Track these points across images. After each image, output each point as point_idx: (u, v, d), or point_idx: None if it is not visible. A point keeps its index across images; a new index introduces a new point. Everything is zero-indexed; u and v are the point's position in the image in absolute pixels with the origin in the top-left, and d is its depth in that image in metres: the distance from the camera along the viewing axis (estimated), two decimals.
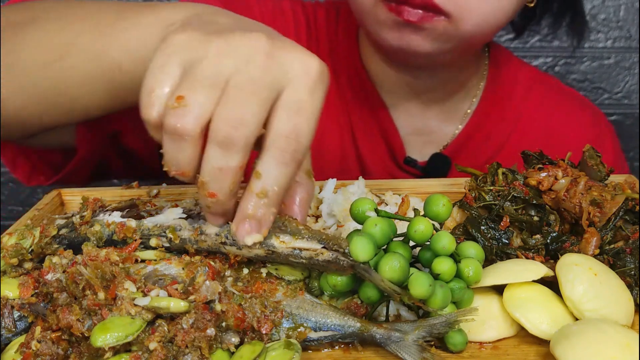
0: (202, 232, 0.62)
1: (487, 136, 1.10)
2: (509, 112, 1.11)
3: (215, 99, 0.52)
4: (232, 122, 0.51)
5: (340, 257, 0.60)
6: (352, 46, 1.08)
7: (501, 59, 1.13)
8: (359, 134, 1.08)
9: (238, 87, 0.52)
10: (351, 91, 1.08)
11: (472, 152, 1.09)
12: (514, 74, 1.13)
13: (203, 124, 0.52)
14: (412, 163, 1.07)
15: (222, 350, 0.57)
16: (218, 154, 0.52)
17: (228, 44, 0.53)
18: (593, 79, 1.54)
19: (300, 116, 0.53)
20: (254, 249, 0.60)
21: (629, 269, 0.67)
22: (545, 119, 1.11)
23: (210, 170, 0.53)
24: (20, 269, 0.65)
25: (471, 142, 1.09)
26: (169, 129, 0.52)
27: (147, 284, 0.59)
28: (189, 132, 0.51)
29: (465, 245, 0.64)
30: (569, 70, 1.53)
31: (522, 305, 0.62)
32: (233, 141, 0.52)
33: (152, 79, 0.53)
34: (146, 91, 0.53)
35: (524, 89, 1.12)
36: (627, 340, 0.55)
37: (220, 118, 0.51)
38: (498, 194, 0.71)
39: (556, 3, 1.09)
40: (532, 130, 1.10)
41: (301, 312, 0.61)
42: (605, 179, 0.73)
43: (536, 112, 1.11)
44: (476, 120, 1.09)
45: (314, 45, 1.09)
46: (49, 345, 0.57)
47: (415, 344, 0.59)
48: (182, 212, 0.65)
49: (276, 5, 1.09)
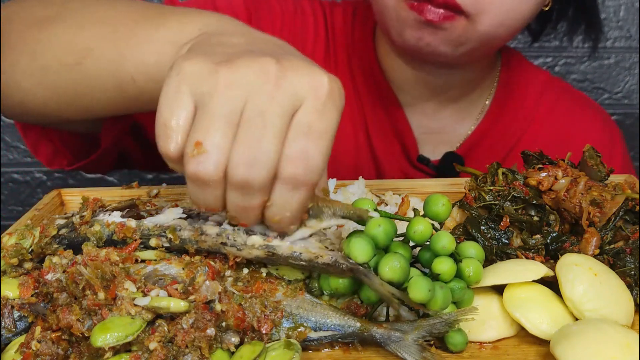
0: (203, 232, 0.62)
1: (499, 137, 1.10)
2: (521, 114, 1.11)
3: (231, 138, 0.52)
4: (246, 164, 0.52)
5: (340, 260, 0.60)
6: (369, 45, 1.09)
7: (513, 62, 1.14)
8: (373, 133, 1.09)
9: (250, 122, 0.52)
10: (366, 90, 1.09)
11: (484, 152, 1.10)
12: (527, 77, 1.14)
13: (223, 168, 0.53)
14: (426, 161, 1.07)
15: (222, 350, 0.57)
16: (239, 196, 0.54)
17: (236, 73, 0.53)
18: (593, 79, 1.54)
19: (309, 139, 0.53)
20: (254, 250, 0.61)
21: (629, 269, 0.67)
22: (557, 123, 1.12)
23: (234, 209, 0.55)
24: (20, 269, 0.65)
25: (483, 143, 1.10)
26: (192, 176, 0.53)
27: (147, 284, 0.59)
28: (211, 178, 0.53)
29: (465, 245, 0.64)
30: (569, 70, 1.53)
31: (522, 305, 0.62)
32: (249, 183, 0.53)
33: (165, 112, 0.54)
34: (161, 124, 0.54)
35: (536, 92, 1.13)
36: (627, 340, 0.55)
37: (234, 162, 0.52)
38: (498, 194, 0.71)
39: (572, 8, 1.10)
40: (544, 133, 1.11)
41: (301, 312, 0.61)
42: (605, 179, 0.73)
43: (548, 116, 1.12)
44: (489, 121, 1.10)
45: (331, 44, 1.10)
46: (49, 345, 0.57)
47: (415, 344, 0.59)
48: (182, 212, 0.65)
49: (297, 5, 1.11)
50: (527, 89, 1.13)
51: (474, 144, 1.10)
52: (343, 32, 1.11)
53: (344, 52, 1.10)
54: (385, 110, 1.08)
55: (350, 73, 1.09)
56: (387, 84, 1.08)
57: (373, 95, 1.09)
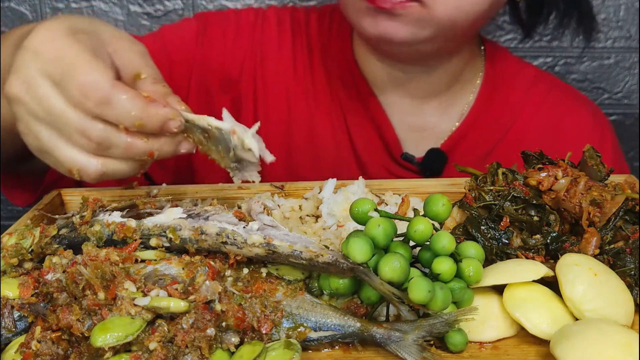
0: (203, 232, 0.63)
1: (484, 132, 1.10)
2: (507, 109, 1.11)
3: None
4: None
5: (340, 260, 0.60)
6: (346, 46, 1.10)
7: (498, 56, 1.14)
8: (354, 132, 1.09)
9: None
10: (344, 91, 1.09)
11: (469, 147, 1.10)
12: (513, 72, 1.13)
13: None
14: (410, 159, 1.07)
15: (222, 350, 0.57)
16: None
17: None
18: (593, 79, 1.54)
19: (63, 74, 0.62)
20: (255, 247, 0.61)
21: (629, 269, 0.67)
22: (546, 118, 1.11)
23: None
24: (20, 269, 0.65)
25: (468, 138, 1.10)
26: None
27: (147, 284, 0.59)
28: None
29: (465, 245, 0.64)
30: (569, 70, 1.53)
31: (522, 305, 0.62)
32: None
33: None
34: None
35: (524, 86, 1.12)
36: (627, 340, 0.55)
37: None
38: (498, 194, 0.71)
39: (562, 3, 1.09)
40: (532, 128, 1.10)
41: (301, 312, 0.61)
42: (605, 179, 0.73)
43: (536, 110, 1.11)
44: (473, 116, 1.10)
45: (305, 48, 1.11)
46: (49, 345, 0.57)
47: (415, 344, 0.59)
48: (182, 212, 0.65)
49: (259, 16, 1.13)
50: (514, 84, 1.12)
51: (459, 139, 1.09)
52: (318, 36, 1.12)
53: (320, 56, 1.11)
54: (365, 110, 1.09)
55: (327, 75, 1.10)
56: (365, 84, 1.08)
57: (352, 96, 1.09)
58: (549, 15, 1.12)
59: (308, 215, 0.81)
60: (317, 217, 0.81)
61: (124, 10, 1.46)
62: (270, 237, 0.62)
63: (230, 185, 0.86)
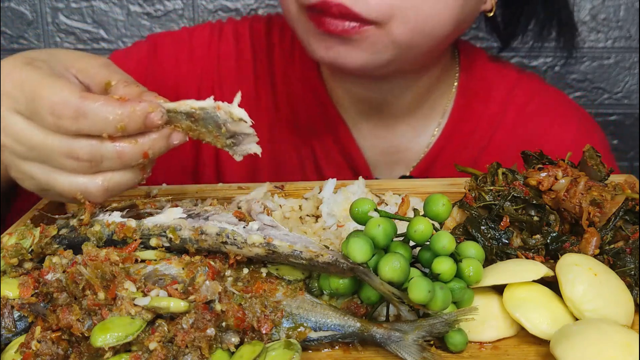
0: (203, 232, 0.63)
1: (461, 148, 1.03)
2: (484, 121, 1.04)
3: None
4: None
5: (340, 260, 0.60)
6: (310, 67, 1.02)
7: (475, 65, 1.06)
8: (322, 160, 1.03)
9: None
10: (310, 115, 1.03)
11: (444, 165, 1.03)
12: (491, 81, 1.06)
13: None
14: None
15: (222, 350, 0.57)
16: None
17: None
18: (593, 79, 1.54)
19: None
20: (255, 247, 0.61)
21: (629, 269, 0.67)
22: (526, 126, 1.04)
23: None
24: (20, 269, 0.65)
25: (443, 156, 1.03)
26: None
27: (147, 284, 0.59)
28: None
29: (465, 245, 0.64)
30: (569, 70, 1.53)
31: (522, 305, 0.62)
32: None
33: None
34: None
35: (502, 96, 1.05)
36: (627, 340, 0.55)
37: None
38: (498, 194, 0.71)
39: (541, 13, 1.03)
40: (512, 138, 1.03)
41: (301, 312, 0.61)
42: (605, 179, 0.73)
43: (517, 119, 1.05)
44: (448, 132, 1.03)
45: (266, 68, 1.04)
46: (49, 345, 0.57)
47: (415, 344, 0.59)
48: (182, 212, 0.65)
49: (214, 32, 1.07)
50: (491, 94, 1.05)
51: (433, 159, 1.03)
52: (281, 52, 1.04)
53: (283, 75, 1.03)
54: (333, 135, 1.02)
55: (290, 98, 1.02)
56: (332, 106, 1.01)
57: (318, 121, 1.03)
58: (527, 26, 1.05)
59: (308, 215, 0.81)
60: (317, 217, 0.81)
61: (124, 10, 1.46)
62: (270, 237, 0.62)
63: (230, 186, 0.86)
